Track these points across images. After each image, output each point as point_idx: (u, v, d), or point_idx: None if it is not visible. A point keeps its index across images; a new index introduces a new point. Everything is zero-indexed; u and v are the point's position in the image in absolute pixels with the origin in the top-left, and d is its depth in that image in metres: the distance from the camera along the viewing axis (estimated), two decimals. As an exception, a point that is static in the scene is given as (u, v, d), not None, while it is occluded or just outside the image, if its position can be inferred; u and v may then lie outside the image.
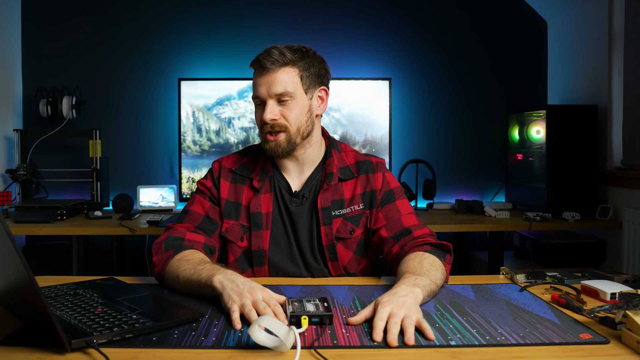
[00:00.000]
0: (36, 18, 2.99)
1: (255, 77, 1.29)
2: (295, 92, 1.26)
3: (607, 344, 0.84)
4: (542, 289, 1.15)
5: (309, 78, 1.29)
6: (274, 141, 1.27)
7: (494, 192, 3.11)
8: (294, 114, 1.27)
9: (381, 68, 3.08)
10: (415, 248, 1.22)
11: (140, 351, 0.81)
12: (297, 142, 1.29)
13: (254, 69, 1.30)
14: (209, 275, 1.04)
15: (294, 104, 1.27)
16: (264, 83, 1.26)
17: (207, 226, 1.31)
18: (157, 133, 3.03)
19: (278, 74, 1.25)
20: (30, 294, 0.80)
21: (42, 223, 2.37)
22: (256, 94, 1.28)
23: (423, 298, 1.01)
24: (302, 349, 0.81)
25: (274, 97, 1.26)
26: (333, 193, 1.33)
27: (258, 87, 1.27)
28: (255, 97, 1.29)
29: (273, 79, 1.25)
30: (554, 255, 2.55)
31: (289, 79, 1.26)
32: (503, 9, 3.13)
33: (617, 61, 2.60)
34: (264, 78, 1.25)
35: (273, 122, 1.26)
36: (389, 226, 1.31)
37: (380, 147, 2.82)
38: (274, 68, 1.24)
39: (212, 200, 1.34)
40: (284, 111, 1.27)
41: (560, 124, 2.59)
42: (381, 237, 1.31)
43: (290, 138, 1.28)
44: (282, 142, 1.27)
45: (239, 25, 3.04)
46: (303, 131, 1.29)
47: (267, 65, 1.24)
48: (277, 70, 1.25)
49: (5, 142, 2.84)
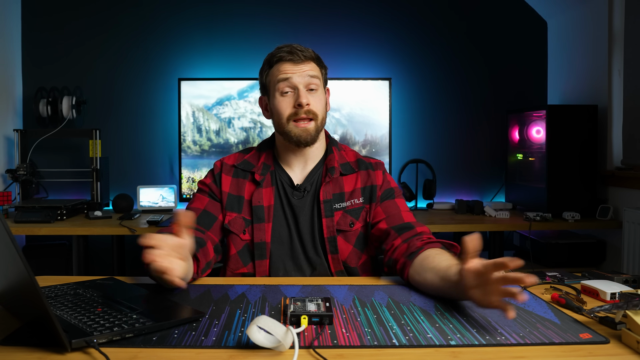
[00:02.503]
0: (36, 18, 2.99)
1: (283, 66, 1.32)
2: (320, 81, 1.35)
3: (607, 344, 0.84)
4: (542, 289, 1.15)
5: (324, 76, 1.39)
6: (304, 127, 1.32)
7: (494, 192, 3.11)
8: (321, 104, 1.35)
9: (381, 68, 3.08)
10: (430, 244, 1.21)
11: (140, 351, 0.81)
12: (320, 132, 1.36)
13: (279, 61, 1.33)
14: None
15: (320, 94, 1.35)
16: (297, 70, 1.31)
17: (204, 220, 1.32)
18: (157, 133, 3.03)
19: (309, 64, 1.33)
20: (31, 294, 0.80)
21: (42, 223, 2.37)
22: (286, 79, 1.31)
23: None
24: (301, 349, 0.81)
25: (306, 82, 1.31)
26: (334, 187, 1.36)
27: (290, 73, 1.31)
28: (283, 83, 1.31)
29: (305, 67, 1.32)
30: (554, 255, 2.55)
31: (316, 69, 1.35)
32: (503, 9, 3.13)
33: (617, 61, 2.60)
34: (297, 66, 1.32)
35: (308, 107, 1.31)
36: (390, 219, 1.32)
37: (380, 147, 2.82)
38: (306, 59, 1.33)
39: (212, 196, 1.36)
40: (313, 100, 1.33)
41: (560, 124, 2.59)
42: (381, 230, 1.32)
43: (318, 127, 1.34)
44: (311, 129, 1.33)
45: (239, 25, 3.04)
46: (324, 123, 1.37)
47: (300, 55, 1.32)
48: (308, 62, 1.33)
49: (5, 142, 2.85)
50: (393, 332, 0.88)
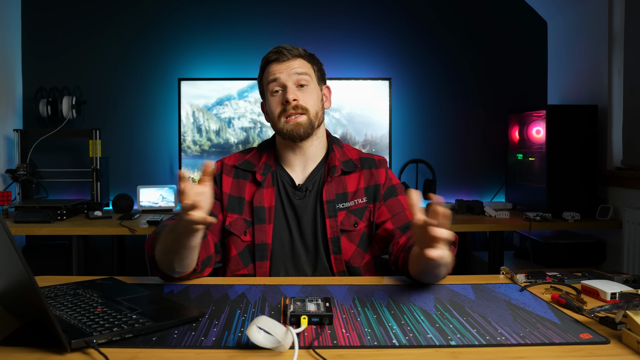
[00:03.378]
0: (36, 18, 2.99)
1: (271, 66, 1.35)
2: (311, 77, 1.35)
3: (607, 344, 0.84)
4: (542, 289, 1.15)
5: (318, 72, 1.39)
6: (295, 122, 1.32)
7: (494, 192, 3.11)
8: (312, 99, 1.35)
9: (381, 68, 3.08)
10: None
11: (140, 351, 0.81)
12: (315, 126, 1.35)
13: (267, 62, 1.36)
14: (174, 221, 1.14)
15: (311, 89, 1.35)
16: (283, 69, 1.33)
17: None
18: (157, 133, 3.03)
19: (296, 61, 1.34)
20: (30, 294, 0.80)
21: (42, 223, 2.37)
22: (275, 79, 1.33)
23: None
24: (301, 349, 0.81)
25: (294, 80, 1.33)
26: (337, 186, 1.35)
27: (277, 73, 1.33)
28: (272, 83, 1.34)
29: (292, 64, 1.33)
30: (554, 255, 2.55)
31: (305, 65, 1.36)
32: (503, 9, 3.13)
33: (617, 61, 2.60)
34: (283, 64, 1.33)
35: (295, 103, 1.31)
36: (395, 219, 1.32)
37: (380, 147, 2.82)
38: (292, 57, 1.34)
39: (213, 196, 1.34)
40: (304, 95, 1.33)
41: (560, 124, 2.59)
42: (387, 230, 1.32)
43: (311, 121, 1.33)
44: (303, 122, 1.32)
45: (239, 25, 3.04)
46: (319, 118, 1.36)
47: (286, 53, 1.33)
48: (295, 59, 1.34)
49: (5, 142, 2.85)
50: (393, 332, 0.88)
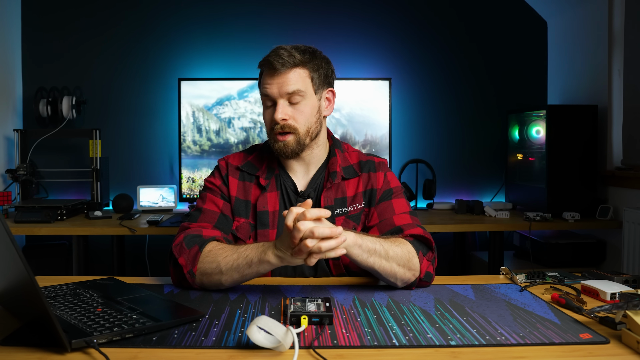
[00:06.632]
0: (36, 18, 2.99)
1: (264, 77, 1.28)
2: (306, 91, 1.26)
3: (607, 344, 0.84)
4: (542, 289, 1.15)
5: (318, 79, 1.29)
6: (282, 141, 1.27)
7: (494, 192, 3.11)
8: (305, 115, 1.27)
9: (381, 68, 3.08)
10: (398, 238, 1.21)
11: (140, 351, 0.81)
12: (306, 144, 1.29)
13: (262, 69, 1.29)
14: (258, 253, 1.10)
15: (305, 104, 1.27)
16: (275, 83, 1.25)
17: (223, 225, 1.29)
18: (157, 133, 3.03)
19: (290, 74, 1.25)
20: (31, 294, 0.80)
21: (42, 223, 2.37)
22: (266, 94, 1.27)
23: (354, 240, 1.08)
24: (301, 349, 0.81)
25: (286, 96, 1.25)
26: (336, 192, 1.33)
27: (268, 87, 1.26)
28: (265, 97, 1.28)
29: (284, 79, 1.24)
30: (554, 255, 2.55)
31: (300, 79, 1.26)
32: (503, 9, 3.13)
33: (617, 61, 2.60)
34: (275, 78, 1.25)
35: (284, 123, 1.26)
36: (382, 225, 1.30)
37: (380, 147, 2.82)
38: (285, 69, 1.24)
39: (224, 198, 1.33)
40: (295, 112, 1.26)
41: (560, 124, 2.59)
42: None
43: (300, 139, 1.28)
44: (290, 142, 1.27)
45: (239, 25, 3.04)
46: (312, 132, 1.30)
47: (278, 66, 1.23)
48: (289, 71, 1.25)
49: (5, 142, 2.85)
50: (393, 332, 0.88)
